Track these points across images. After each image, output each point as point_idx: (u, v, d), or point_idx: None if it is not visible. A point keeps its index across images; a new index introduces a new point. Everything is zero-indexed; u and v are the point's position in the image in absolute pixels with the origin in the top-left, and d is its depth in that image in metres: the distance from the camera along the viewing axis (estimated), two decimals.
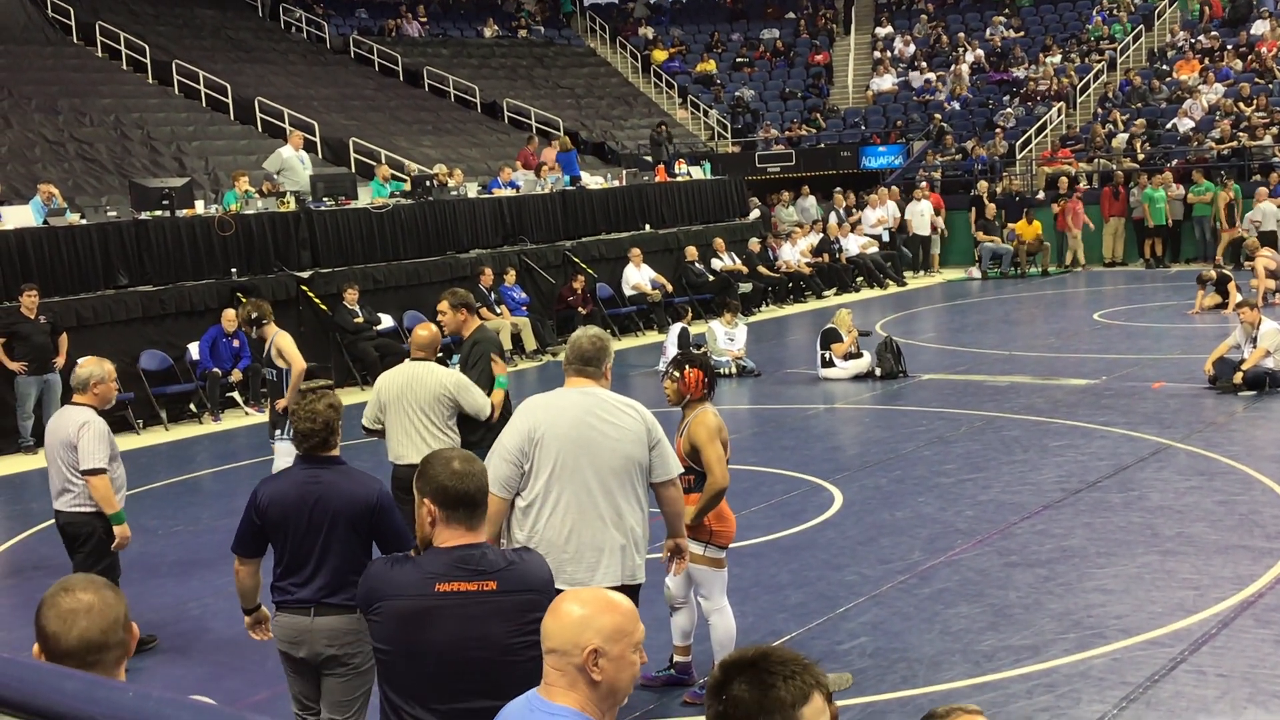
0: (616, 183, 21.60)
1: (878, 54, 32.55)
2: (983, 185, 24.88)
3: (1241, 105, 25.53)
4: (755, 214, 24.19)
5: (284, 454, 8.95)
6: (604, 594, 2.81)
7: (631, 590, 5.02)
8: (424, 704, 3.39)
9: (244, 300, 9.43)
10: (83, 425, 6.46)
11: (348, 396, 15.21)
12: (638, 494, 5.02)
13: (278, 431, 9.03)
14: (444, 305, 7.78)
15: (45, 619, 2.43)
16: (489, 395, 7.36)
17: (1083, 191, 24.04)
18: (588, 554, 4.89)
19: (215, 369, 14.21)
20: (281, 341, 9.10)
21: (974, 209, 24.69)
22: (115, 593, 2.49)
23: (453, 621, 3.37)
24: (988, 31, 32.38)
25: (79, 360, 7.07)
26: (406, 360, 7.27)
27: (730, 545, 6.08)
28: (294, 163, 17.66)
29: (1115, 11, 31.40)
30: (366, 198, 17.99)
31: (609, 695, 2.68)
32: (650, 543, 5.15)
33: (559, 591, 3.06)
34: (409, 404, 6.93)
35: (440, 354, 7.53)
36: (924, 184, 25.47)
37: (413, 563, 3.49)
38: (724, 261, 20.95)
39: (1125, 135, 25.88)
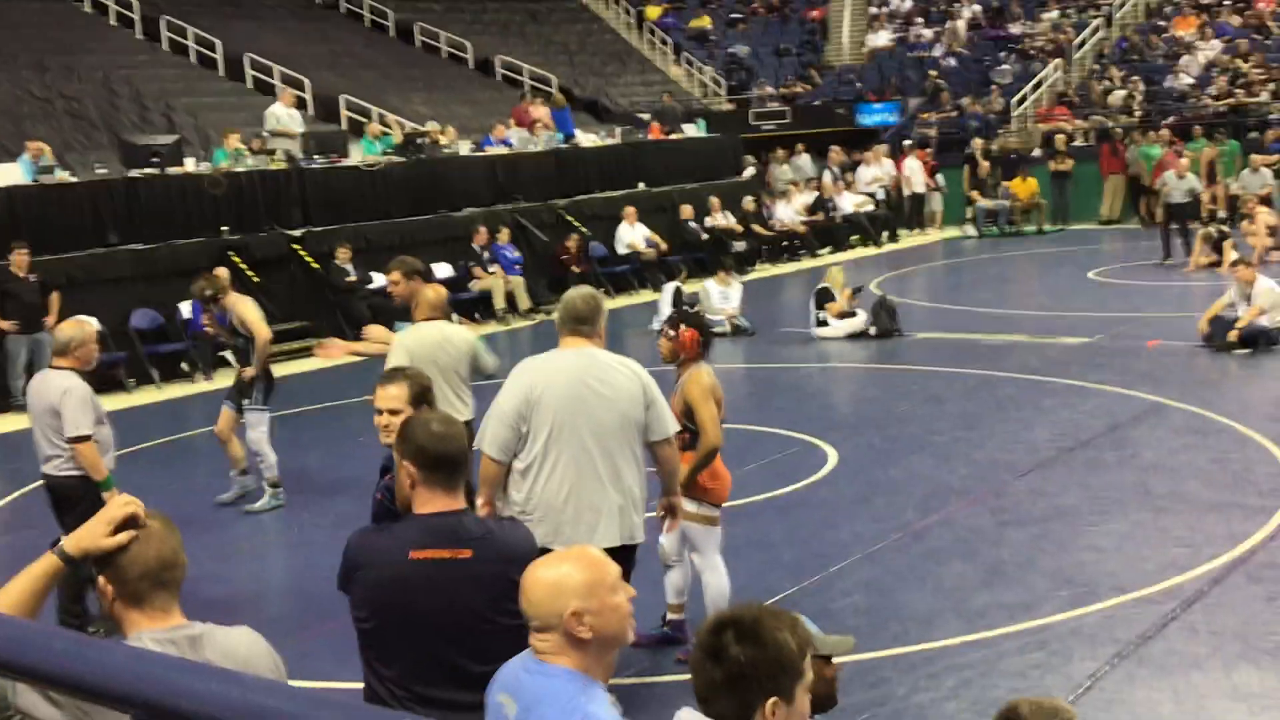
0: (611, 140, 21.46)
1: (874, 9, 32.28)
2: (977, 143, 24.67)
3: (1239, 62, 25.37)
4: (750, 172, 24.07)
5: (257, 424, 8.92)
6: (562, 556, 2.78)
7: (630, 550, 5.02)
8: (404, 670, 3.37)
9: (203, 277, 9.24)
10: (65, 391, 6.36)
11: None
12: (635, 453, 5.01)
13: (245, 401, 8.96)
14: (396, 275, 7.31)
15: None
16: None
17: (1182, 146, 22.21)
18: (586, 515, 4.88)
19: (207, 328, 14.15)
20: (243, 310, 8.88)
21: (967, 167, 24.53)
22: (170, 522, 2.76)
23: (427, 588, 3.33)
24: None
25: (59, 324, 6.99)
26: (422, 321, 6.92)
27: (724, 504, 6.08)
28: (285, 120, 17.55)
29: None
30: (358, 155, 17.87)
31: (603, 647, 2.64)
32: (647, 501, 5.15)
33: None
34: (444, 363, 6.75)
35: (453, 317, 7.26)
36: (907, 143, 25.23)
37: (389, 530, 3.47)
38: (719, 220, 20.88)
39: (1123, 92, 25.74)
